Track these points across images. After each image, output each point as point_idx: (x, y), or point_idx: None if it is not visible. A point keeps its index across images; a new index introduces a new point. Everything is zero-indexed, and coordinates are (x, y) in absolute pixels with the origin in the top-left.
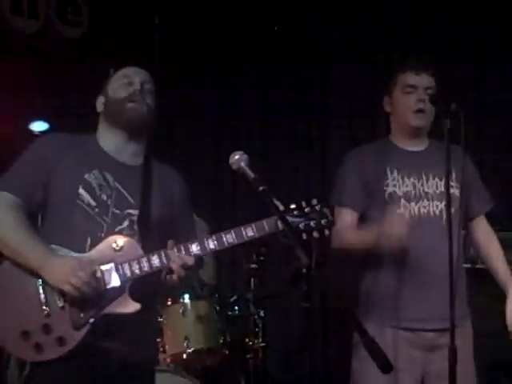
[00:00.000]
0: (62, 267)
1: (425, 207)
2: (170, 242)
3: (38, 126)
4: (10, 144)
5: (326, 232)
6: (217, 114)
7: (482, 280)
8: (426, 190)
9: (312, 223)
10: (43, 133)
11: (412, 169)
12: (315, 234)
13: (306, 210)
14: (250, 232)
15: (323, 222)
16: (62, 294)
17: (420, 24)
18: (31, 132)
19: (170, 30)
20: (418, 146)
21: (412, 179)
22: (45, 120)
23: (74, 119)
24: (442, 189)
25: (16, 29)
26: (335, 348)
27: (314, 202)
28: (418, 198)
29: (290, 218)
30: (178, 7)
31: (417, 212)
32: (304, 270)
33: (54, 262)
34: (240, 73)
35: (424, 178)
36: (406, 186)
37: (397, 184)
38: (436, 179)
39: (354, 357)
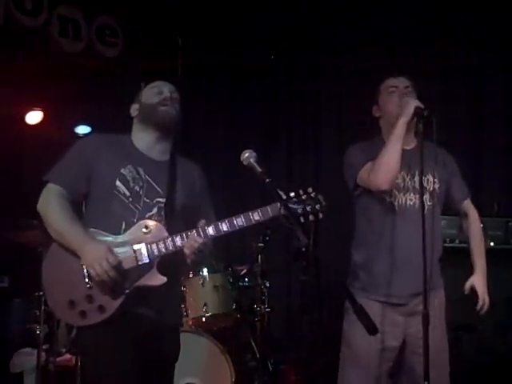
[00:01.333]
0: (93, 252)
1: (411, 199)
2: (202, 222)
3: (82, 130)
4: (59, 144)
5: (320, 215)
6: (230, 121)
7: (449, 256)
8: (412, 184)
9: (308, 208)
10: (86, 135)
11: (402, 164)
12: (311, 217)
13: (303, 196)
14: (256, 216)
15: (317, 206)
16: None
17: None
18: (76, 134)
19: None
20: (406, 145)
21: (402, 173)
22: (88, 124)
23: (112, 123)
24: (425, 184)
25: (63, 49)
26: (328, 313)
27: (310, 190)
28: (405, 190)
29: (291, 206)
30: (198, 31)
31: (403, 202)
32: (303, 249)
33: (88, 247)
34: (248, 87)
35: (411, 173)
36: (397, 178)
37: None
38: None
39: (345, 320)
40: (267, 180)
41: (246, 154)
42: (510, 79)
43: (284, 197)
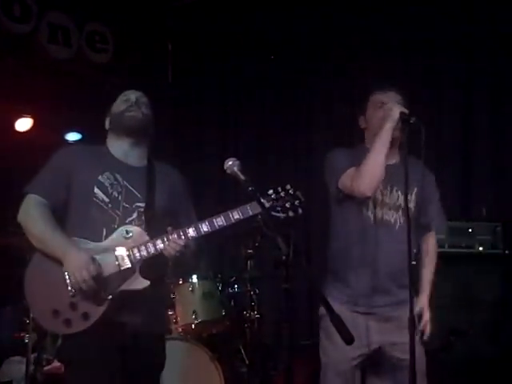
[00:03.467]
0: (74, 261)
1: (387, 214)
2: (169, 229)
3: (72, 136)
4: (49, 151)
5: (299, 211)
6: (222, 129)
7: (438, 261)
8: (387, 200)
9: (287, 204)
10: (77, 142)
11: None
12: (290, 213)
13: (281, 193)
14: (236, 215)
15: (296, 202)
16: None
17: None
18: (66, 141)
19: (180, 55)
20: (389, 160)
21: (381, 187)
22: (78, 131)
23: (102, 130)
24: (401, 202)
25: (53, 56)
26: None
27: (288, 187)
28: (382, 204)
29: (269, 203)
30: (188, 37)
31: (380, 217)
32: (283, 257)
33: (71, 255)
34: (240, 90)
35: (389, 189)
36: (375, 192)
37: None
38: (398, 192)
39: (321, 328)
40: (250, 188)
41: (230, 163)
42: (498, 85)
43: (267, 205)
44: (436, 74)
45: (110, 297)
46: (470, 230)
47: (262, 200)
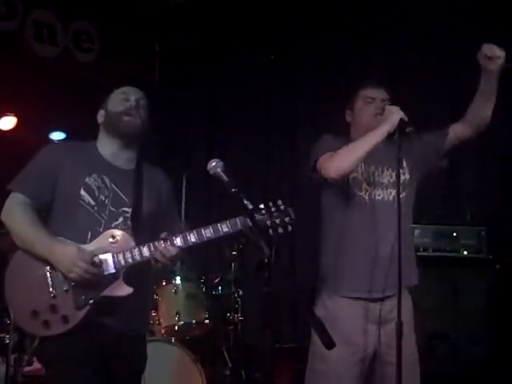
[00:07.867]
0: (66, 256)
1: (379, 195)
2: (164, 234)
3: (57, 136)
4: (33, 150)
5: (289, 228)
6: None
7: (422, 265)
8: (381, 180)
9: (277, 221)
10: (61, 141)
11: (370, 160)
12: (280, 230)
13: (272, 209)
14: (225, 228)
15: (286, 219)
16: (66, 278)
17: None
18: (51, 140)
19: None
20: None
21: (372, 168)
22: (62, 130)
23: (87, 130)
24: (392, 179)
25: (38, 54)
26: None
27: (280, 202)
28: (375, 184)
29: (258, 217)
30: (176, 38)
31: (373, 197)
32: (266, 260)
33: (58, 251)
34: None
35: (380, 168)
36: (367, 172)
37: (359, 170)
38: (389, 170)
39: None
40: (233, 189)
41: (213, 164)
42: None
43: (250, 207)
44: (421, 78)
45: (92, 301)
46: (455, 234)
47: (245, 202)
